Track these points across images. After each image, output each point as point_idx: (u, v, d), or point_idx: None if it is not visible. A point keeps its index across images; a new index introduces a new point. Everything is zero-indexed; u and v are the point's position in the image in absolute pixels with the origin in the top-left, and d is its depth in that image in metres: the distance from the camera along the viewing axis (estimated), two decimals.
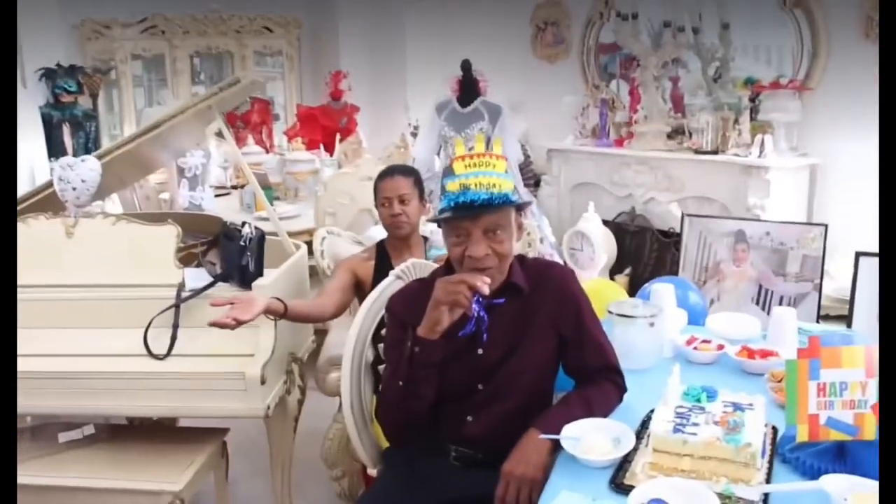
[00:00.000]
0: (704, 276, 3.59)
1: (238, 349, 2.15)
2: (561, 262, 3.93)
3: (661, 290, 2.19)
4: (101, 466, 2.20)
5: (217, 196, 4.78)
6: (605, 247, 4.27)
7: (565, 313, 1.71)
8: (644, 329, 1.98)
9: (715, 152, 4.05)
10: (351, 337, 1.89)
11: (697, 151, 4.14)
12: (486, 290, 1.54)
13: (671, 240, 4.21)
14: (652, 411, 1.65)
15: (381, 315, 1.92)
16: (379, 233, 2.75)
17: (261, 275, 2.26)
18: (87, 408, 2.23)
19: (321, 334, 2.77)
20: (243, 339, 2.13)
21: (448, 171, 1.62)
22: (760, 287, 3.44)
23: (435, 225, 3.17)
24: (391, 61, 6.78)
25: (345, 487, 2.59)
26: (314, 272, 2.75)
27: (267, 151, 5.76)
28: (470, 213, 1.58)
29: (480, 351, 1.68)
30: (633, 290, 2.93)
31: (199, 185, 4.39)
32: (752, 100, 4.03)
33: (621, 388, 1.75)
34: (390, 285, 1.96)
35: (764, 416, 1.52)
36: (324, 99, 6.11)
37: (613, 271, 4.44)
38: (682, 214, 3.63)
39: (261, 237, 2.25)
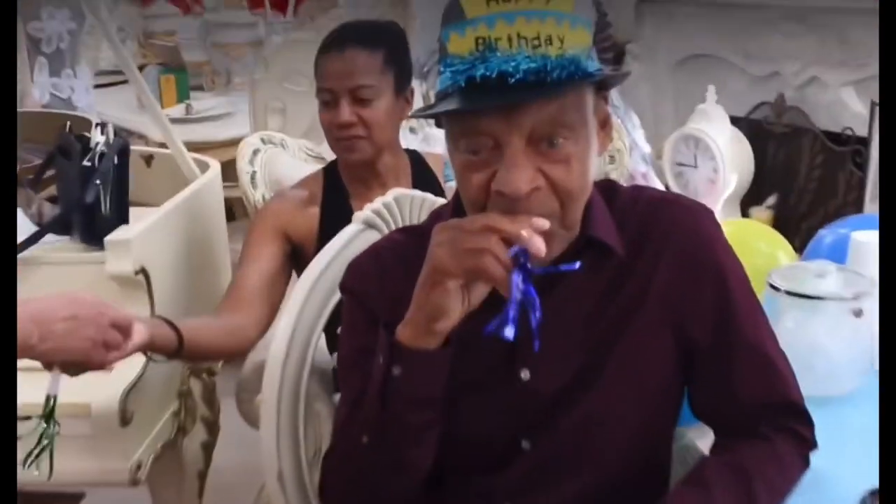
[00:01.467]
0: None
1: None
2: (662, 187, 3.56)
3: (869, 242, 1.79)
4: None
5: (101, 86, 4.55)
6: (734, 161, 3.97)
7: (699, 299, 1.36)
8: (842, 321, 1.65)
9: None
10: (280, 340, 1.63)
11: None
12: (540, 248, 1.14)
13: (848, 149, 3.86)
14: (872, 495, 1.30)
15: (337, 298, 1.70)
16: None
17: (124, 221, 2.00)
18: None
19: None
20: None
21: (453, 12, 1.22)
22: None
23: (431, 127, 2.85)
24: None
25: None
26: (242, 213, 2.59)
27: (184, 12, 5.37)
28: (500, 103, 1.18)
29: (526, 374, 1.35)
30: (785, 236, 2.58)
31: (65, 68, 4.01)
32: None
33: (808, 445, 1.39)
34: (354, 240, 1.73)
35: None
36: None
37: (747, 202, 4.14)
38: (872, 104, 3.35)
39: (122, 150, 2.01)
